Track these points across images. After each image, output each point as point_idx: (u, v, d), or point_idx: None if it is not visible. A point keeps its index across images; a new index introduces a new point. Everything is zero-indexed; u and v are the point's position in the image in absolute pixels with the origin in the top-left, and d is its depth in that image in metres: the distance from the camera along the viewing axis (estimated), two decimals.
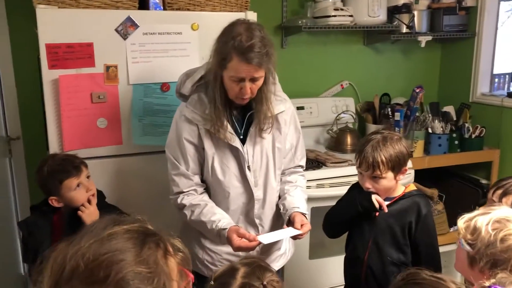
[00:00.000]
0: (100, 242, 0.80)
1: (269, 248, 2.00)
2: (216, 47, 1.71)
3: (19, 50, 2.66)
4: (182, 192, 1.87)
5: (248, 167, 1.86)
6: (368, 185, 1.81)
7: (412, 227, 1.81)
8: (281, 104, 1.90)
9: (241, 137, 1.86)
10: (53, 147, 2.16)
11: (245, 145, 1.84)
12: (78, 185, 1.84)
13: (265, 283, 1.18)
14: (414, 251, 1.83)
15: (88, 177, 1.90)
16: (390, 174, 1.78)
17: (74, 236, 0.84)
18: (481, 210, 1.35)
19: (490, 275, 1.22)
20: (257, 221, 1.94)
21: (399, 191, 1.87)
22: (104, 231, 0.82)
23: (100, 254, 0.78)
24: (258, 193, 1.90)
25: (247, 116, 1.85)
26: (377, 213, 1.85)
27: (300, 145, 2.03)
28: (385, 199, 1.85)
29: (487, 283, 1.01)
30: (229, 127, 1.80)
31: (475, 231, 1.29)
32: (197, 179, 1.88)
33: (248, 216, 1.93)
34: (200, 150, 1.85)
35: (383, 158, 1.74)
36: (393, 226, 1.82)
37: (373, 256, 1.85)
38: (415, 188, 1.90)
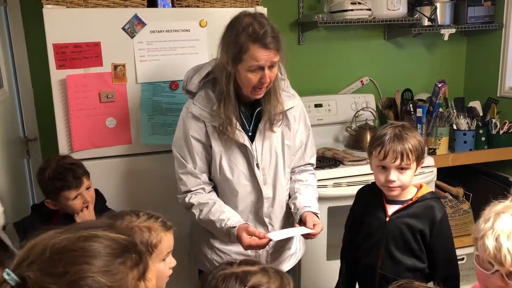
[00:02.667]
0: (77, 239, 0.78)
1: (279, 248, 1.95)
2: (227, 42, 1.66)
3: (35, 52, 2.68)
4: (190, 191, 1.84)
5: (257, 164, 1.81)
6: (393, 177, 1.69)
7: (426, 233, 1.71)
8: (290, 100, 1.86)
9: (250, 134, 1.81)
10: (63, 148, 2.16)
11: (253, 143, 1.80)
12: (76, 196, 1.82)
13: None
14: (429, 256, 1.74)
15: (88, 188, 1.87)
16: (414, 165, 1.71)
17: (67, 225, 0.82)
18: (482, 219, 1.28)
19: None
20: (266, 220, 1.89)
21: (411, 193, 1.77)
22: (90, 230, 0.80)
23: (69, 249, 0.76)
24: (267, 191, 1.85)
25: (255, 112, 1.81)
26: (387, 218, 1.75)
27: (310, 142, 1.97)
28: (396, 203, 1.76)
29: None
30: (237, 124, 1.75)
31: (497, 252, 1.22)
32: (204, 177, 1.84)
33: (258, 214, 1.89)
34: (207, 147, 1.81)
35: (411, 147, 1.67)
36: (405, 232, 1.72)
37: (386, 264, 1.75)
38: (429, 191, 1.78)
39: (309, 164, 2.00)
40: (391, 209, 1.76)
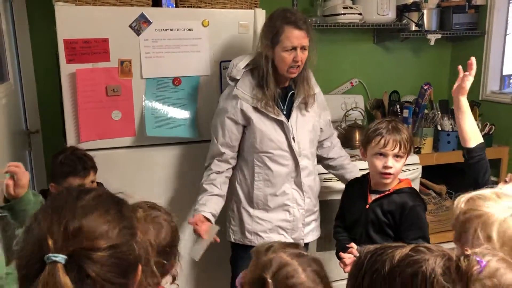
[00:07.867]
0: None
1: (310, 214, 2.25)
2: (265, 30, 2.05)
3: (39, 48, 2.76)
4: (211, 163, 2.15)
5: (293, 138, 2.11)
6: (391, 163, 1.87)
7: (396, 217, 1.88)
8: (316, 87, 2.25)
9: (284, 113, 2.13)
10: (71, 138, 2.25)
11: (289, 120, 2.11)
12: (79, 186, 1.90)
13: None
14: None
15: (93, 182, 1.96)
16: (405, 156, 1.90)
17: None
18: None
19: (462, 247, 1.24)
20: (304, 186, 2.17)
21: (393, 184, 1.94)
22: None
23: None
24: (302, 162, 2.15)
25: (288, 95, 2.14)
26: (367, 206, 1.93)
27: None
28: (378, 193, 1.94)
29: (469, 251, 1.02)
30: (274, 103, 2.07)
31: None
32: (228, 152, 2.13)
33: (295, 183, 2.16)
34: (239, 127, 2.11)
35: (406, 137, 1.88)
36: (380, 217, 1.90)
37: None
38: (409, 186, 1.95)
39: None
40: (372, 198, 1.95)
